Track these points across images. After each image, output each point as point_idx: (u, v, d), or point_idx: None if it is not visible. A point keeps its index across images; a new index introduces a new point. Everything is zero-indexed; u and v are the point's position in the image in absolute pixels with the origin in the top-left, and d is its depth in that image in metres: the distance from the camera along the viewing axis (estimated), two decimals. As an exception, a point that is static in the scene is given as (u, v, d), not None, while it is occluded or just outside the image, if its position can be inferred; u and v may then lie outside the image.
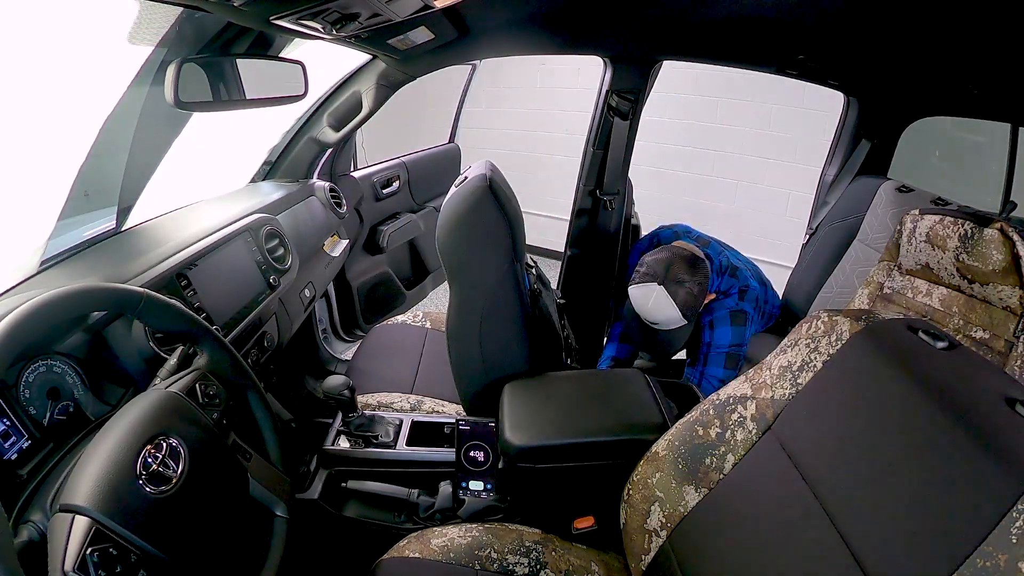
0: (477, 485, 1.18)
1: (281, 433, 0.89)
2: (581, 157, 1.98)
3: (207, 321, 1.01)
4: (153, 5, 0.94)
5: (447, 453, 1.23)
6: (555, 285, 2.10)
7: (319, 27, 0.97)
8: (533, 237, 4.11)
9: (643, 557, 0.86)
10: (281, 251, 1.36)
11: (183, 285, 1.01)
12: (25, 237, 1.09)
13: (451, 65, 1.67)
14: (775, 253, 3.32)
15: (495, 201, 1.14)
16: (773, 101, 3.27)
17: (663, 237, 1.76)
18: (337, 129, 1.66)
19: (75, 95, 1.12)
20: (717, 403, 0.87)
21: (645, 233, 1.90)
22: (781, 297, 2.21)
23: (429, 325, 1.81)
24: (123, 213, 1.26)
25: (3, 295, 0.85)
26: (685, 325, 1.50)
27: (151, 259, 1.02)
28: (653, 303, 1.44)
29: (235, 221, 1.26)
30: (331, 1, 0.85)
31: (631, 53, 1.75)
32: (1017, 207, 1.73)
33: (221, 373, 0.82)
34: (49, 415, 0.76)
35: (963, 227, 1.37)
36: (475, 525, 1.00)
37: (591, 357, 2.07)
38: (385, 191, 2.18)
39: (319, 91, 1.66)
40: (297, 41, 1.28)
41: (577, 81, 3.82)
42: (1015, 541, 0.49)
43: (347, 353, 2.22)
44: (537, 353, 1.32)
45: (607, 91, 1.83)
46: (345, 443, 1.24)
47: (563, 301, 1.73)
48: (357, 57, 1.59)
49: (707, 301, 1.59)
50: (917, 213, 1.51)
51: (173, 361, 0.82)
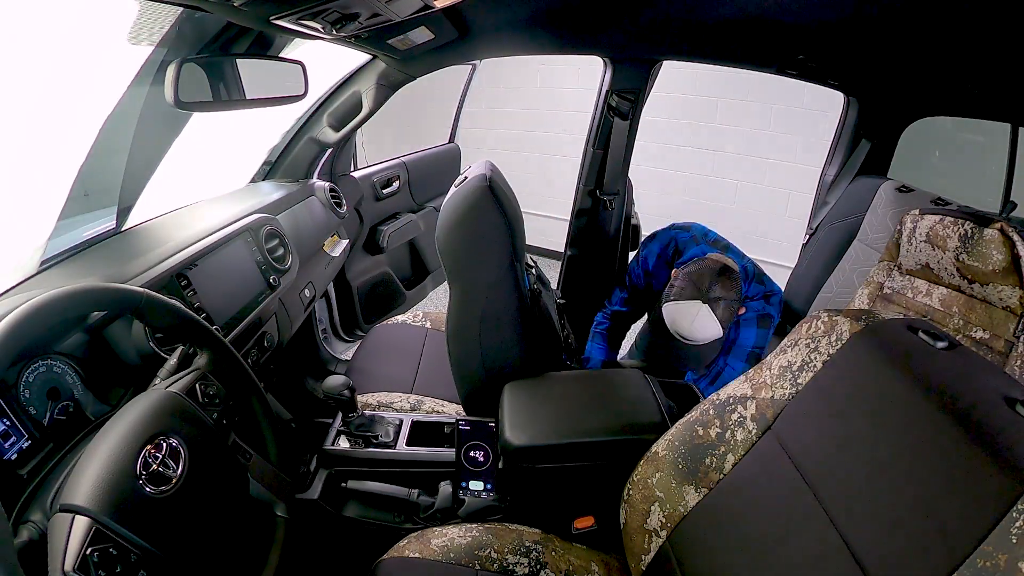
0: (477, 485, 1.18)
1: (281, 433, 0.89)
2: (581, 157, 1.98)
3: (207, 321, 1.01)
4: (153, 5, 0.94)
5: (447, 453, 1.23)
6: (555, 285, 2.10)
7: (319, 27, 0.97)
8: (533, 237, 4.11)
9: (643, 557, 0.86)
10: (281, 251, 1.36)
11: (183, 285, 1.01)
12: (25, 237, 1.09)
13: (451, 65, 1.67)
14: (775, 253, 3.32)
15: (495, 201, 1.14)
16: (773, 101, 3.28)
17: (681, 240, 1.72)
18: (337, 129, 1.66)
19: (75, 95, 1.11)
20: (717, 403, 0.87)
21: (650, 232, 1.83)
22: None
23: (429, 325, 1.81)
24: (123, 213, 1.26)
25: (3, 295, 0.85)
26: (718, 339, 1.49)
27: (151, 259, 1.02)
28: (695, 322, 1.41)
29: (235, 221, 1.26)
30: (331, 1, 0.85)
31: (631, 53, 1.75)
32: (1017, 207, 1.73)
33: (221, 373, 0.82)
34: (49, 415, 0.76)
35: (963, 227, 1.37)
36: (475, 525, 1.00)
37: (608, 366, 2.06)
38: (385, 191, 2.18)
39: (319, 91, 1.66)
40: (297, 41, 1.28)
41: (577, 81, 3.82)
42: (1015, 541, 0.49)
43: (347, 353, 2.22)
44: (537, 353, 1.32)
45: (607, 91, 1.83)
46: (345, 443, 1.24)
47: (563, 301, 1.73)
48: (357, 57, 1.59)
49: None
50: (917, 213, 1.51)
51: (173, 361, 0.82)
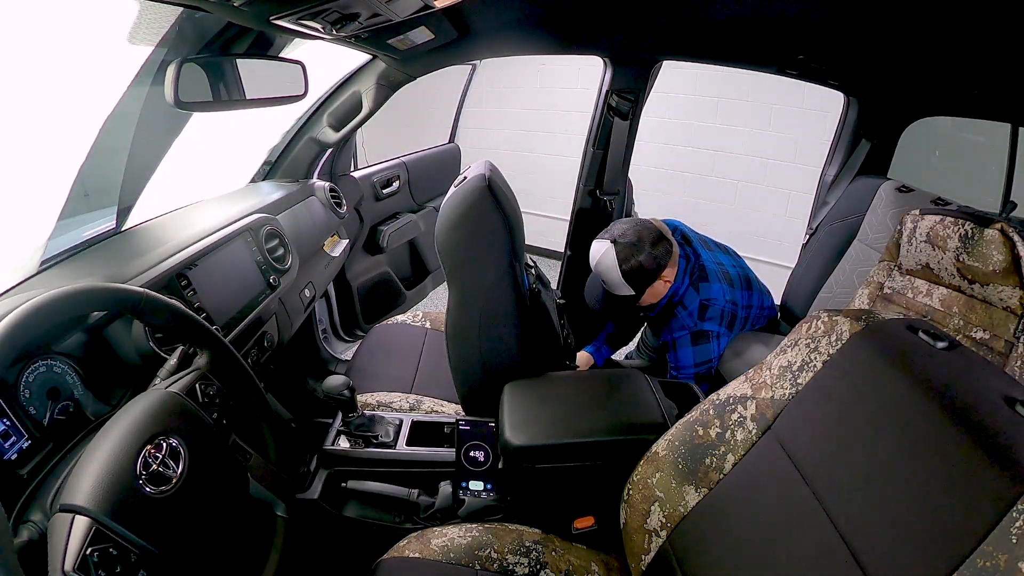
0: (477, 485, 1.18)
1: (281, 433, 0.89)
2: (581, 157, 1.98)
3: (207, 321, 1.01)
4: (153, 5, 0.94)
5: (447, 453, 1.23)
6: (555, 285, 2.10)
7: (319, 27, 0.97)
8: (533, 237, 4.12)
9: (643, 557, 0.86)
10: (281, 251, 1.36)
11: (183, 285, 1.01)
12: (25, 237, 1.09)
13: (451, 65, 1.67)
14: (775, 253, 3.32)
15: (494, 201, 1.14)
16: (773, 101, 3.27)
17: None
18: (337, 129, 1.66)
19: (75, 95, 1.11)
20: (717, 403, 0.87)
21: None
22: (781, 297, 2.21)
23: (429, 325, 1.81)
24: (123, 213, 1.26)
25: (3, 295, 0.85)
26: (631, 296, 1.53)
27: (151, 259, 1.02)
28: (601, 259, 1.48)
29: (235, 221, 1.26)
30: (331, 1, 0.85)
31: (631, 53, 1.75)
32: (1017, 207, 1.73)
33: (221, 373, 0.82)
34: (49, 415, 0.76)
35: (963, 227, 1.37)
36: (475, 525, 1.00)
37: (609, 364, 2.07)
38: (385, 191, 2.18)
39: (319, 91, 1.66)
40: (297, 41, 1.28)
41: (577, 81, 3.82)
42: (1015, 541, 0.49)
43: (347, 353, 2.22)
44: (536, 353, 1.32)
45: (607, 91, 1.83)
46: (345, 443, 1.24)
47: (563, 301, 1.73)
48: (357, 57, 1.59)
49: (662, 302, 1.58)
50: (917, 213, 1.51)
51: (173, 361, 0.82)
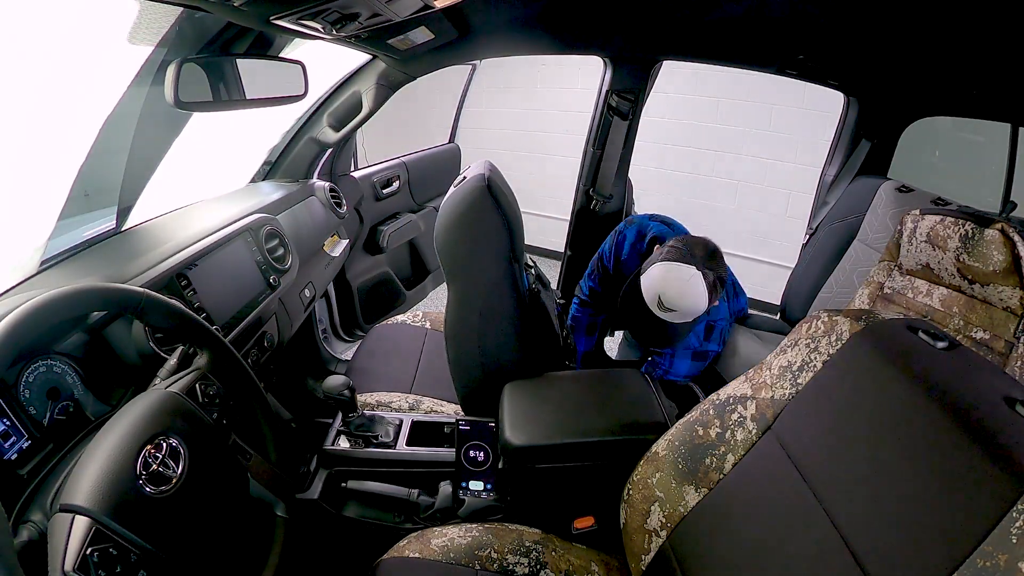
0: (477, 485, 1.18)
1: (281, 433, 0.89)
2: (581, 157, 1.98)
3: (207, 321, 1.01)
4: (153, 5, 0.94)
5: (447, 453, 1.23)
6: (555, 285, 2.10)
7: (319, 27, 0.97)
8: (533, 237, 4.12)
9: (643, 557, 0.86)
10: (281, 251, 1.36)
11: (183, 285, 1.01)
12: (25, 237, 1.09)
13: (451, 65, 1.67)
14: (775, 253, 3.32)
15: (493, 201, 1.14)
16: (773, 101, 3.27)
17: (661, 235, 1.61)
18: (337, 129, 1.66)
19: (75, 95, 1.11)
20: (717, 403, 0.87)
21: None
22: (781, 297, 2.21)
23: (429, 325, 1.81)
24: (123, 213, 1.26)
25: (3, 295, 0.85)
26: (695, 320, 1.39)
27: (151, 259, 1.02)
28: (685, 286, 1.28)
29: (235, 221, 1.26)
30: (331, 1, 0.85)
31: (631, 53, 1.75)
32: (1017, 207, 1.73)
33: (221, 373, 0.82)
34: (49, 415, 0.76)
35: (964, 227, 1.37)
36: (475, 525, 1.00)
37: (590, 357, 2.07)
38: (385, 191, 2.18)
39: (319, 91, 1.66)
40: (297, 41, 1.28)
41: (577, 81, 3.82)
42: (1015, 541, 0.49)
43: (347, 353, 2.22)
44: (536, 353, 1.32)
45: (607, 91, 1.83)
46: (345, 443, 1.24)
47: (563, 301, 1.73)
48: (357, 57, 1.59)
49: None
50: (918, 213, 1.51)
51: (173, 361, 0.82)
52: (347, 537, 1.19)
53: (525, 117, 4.13)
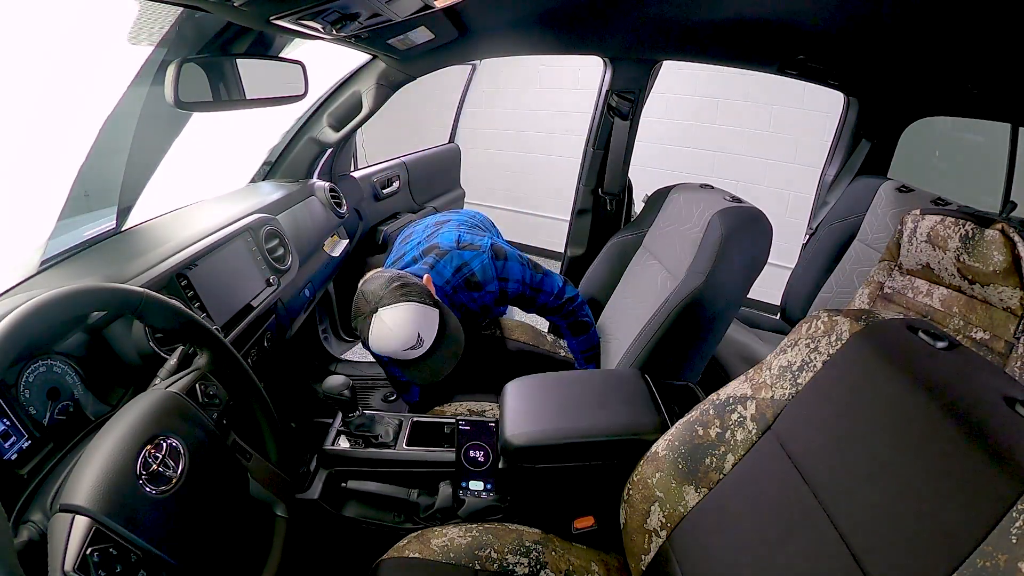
0: (477, 485, 1.18)
1: (281, 433, 0.89)
2: (581, 157, 1.98)
3: (207, 321, 1.01)
4: (153, 5, 0.94)
5: (447, 453, 1.23)
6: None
7: (319, 27, 0.97)
8: (533, 237, 4.13)
9: (643, 557, 0.86)
10: (281, 251, 1.36)
11: (183, 285, 1.01)
12: (25, 237, 1.09)
13: (451, 65, 1.67)
14: (775, 253, 3.30)
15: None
16: (773, 101, 3.27)
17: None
18: (337, 129, 1.66)
19: (75, 95, 1.12)
20: (717, 403, 0.87)
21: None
22: (781, 297, 2.21)
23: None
24: (123, 213, 1.26)
25: (3, 295, 0.85)
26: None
27: (151, 259, 1.02)
28: (382, 332, 1.17)
29: (235, 221, 1.26)
30: (331, 1, 0.85)
31: (631, 53, 1.75)
32: (1017, 207, 1.73)
33: (221, 373, 0.82)
34: (49, 415, 0.76)
35: (964, 228, 1.37)
36: (475, 525, 1.00)
37: None
38: (385, 191, 2.18)
39: (319, 91, 1.66)
40: (297, 41, 1.28)
41: (577, 81, 3.82)
42: (1015, 541, 0.49)
43: (347, 353, 2.22)
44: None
45: (607, 91, 1.83)
46: (345, 443, 1.24)
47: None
48: (357, 57, 1.59)
49: (486, 297, 1.40)
50: (918, 213, 1.51)
51: (173, 361, 0.82)
52: (347, 537, 1.19)
53: (525, 117, 4.13)
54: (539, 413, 1.15)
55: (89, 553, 0.54)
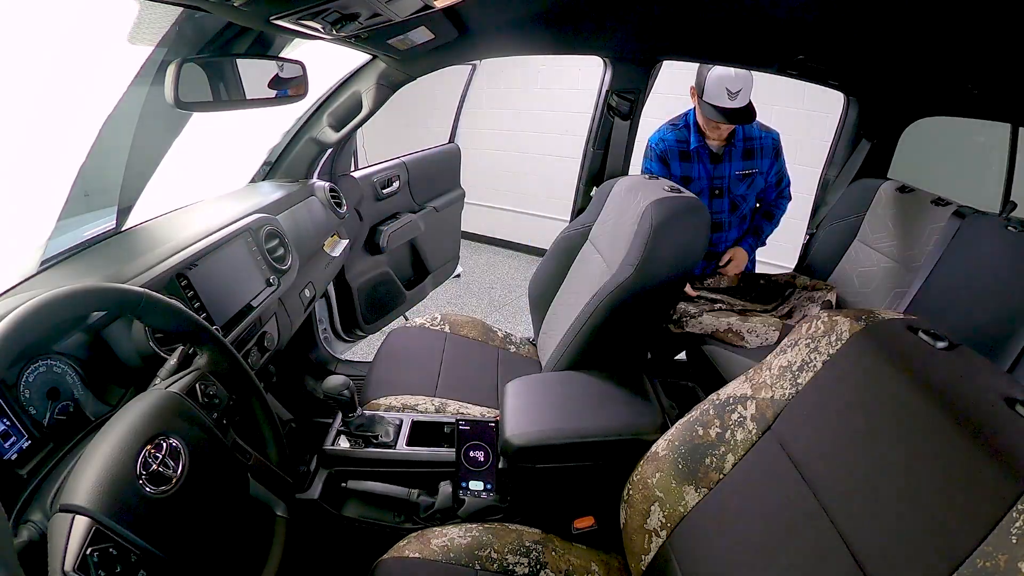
0: (477, 485, 1.18)
1: (281, 433, 0.89)
2: (581, 157, 1.98)
3: (207, 321, 1.01)
4: (153, 5, 0.94)
5: (447, 453, 1.23)
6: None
7: (319, 27, 0.97)
8: (533, 237, 4.12)
9: (643, 557, 0.86)
10: (281, 251, 1.36)
11: (183, 285, 1.01)
12: (25, 237, 1.09)
13: (451, 65, 1.67)
14: (775, 253, 3.31)
15: None
16: (773, 101, 3.27)
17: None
18: (337, 129, 1.66)
19: (75, 95, 1.11)
20: (717, 403, 0.87)
21: None
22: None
23: (448, 328, 1.79)
24: (123, 213, 1.26)
25: (3, 295, 0.85)
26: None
27: (151, 259, 1.02)
28: (737, 71, 1.65)
29: (235, 221, 1.26)
30: (331, 1, 0.85)
31: (631, 53, 1.75)
32: (1017, 207, 1.73)
33: (221, 373, 0.82)
34: (49, 415, 0.76)
35: None
36: (475, 525, 1.00)
37: None
38: (385, 191, 2.18)
39: (319, 91, 1.66)
40: (297, 41, 1.28)
41: (577, 81, 3.82)
42: (1015, 541, 0.49)
43: (347, 353, 2.22)
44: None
45: (607, 91, 1.83)
46: (345, 443, 1.24)
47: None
48: (357, 57, 1.58)
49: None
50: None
51: (173, 361, 0.82)
52: (347, 537, 1.19)
53: (525, 117, 4.13)
54: (539, 413, 1.16)
55: (89, 553, 0.54)
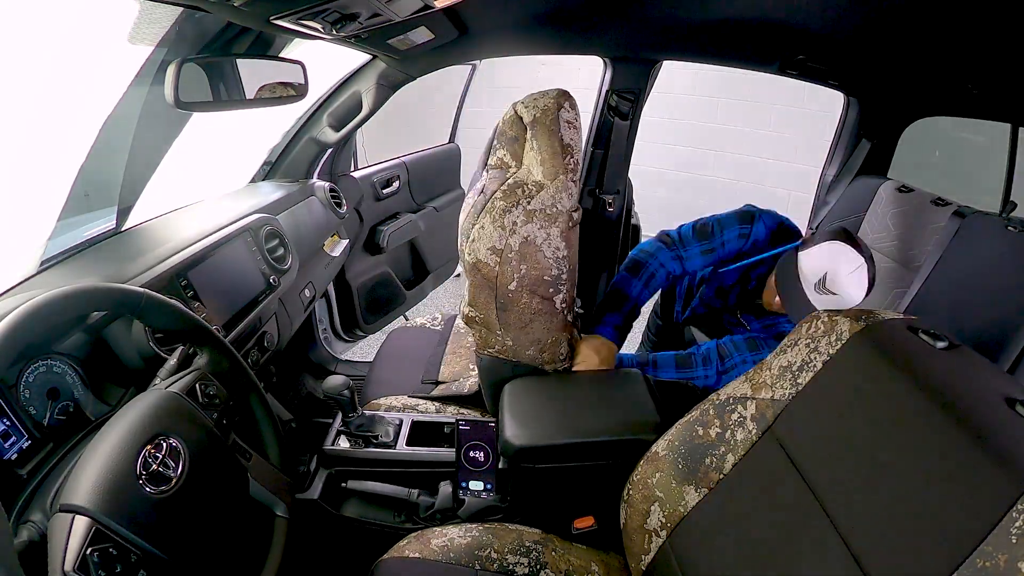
0: (477, 485, 1.18)
1: (281, 433, 0.89)
2: (581, 157, 1.98)
3: (207, 321, 1.01)
4: (153, 5, 0.94)
5: (447, 453, 1.23)
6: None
7: (319, 27, 0.97)
8: (533, 237, 4.11)
9: (643, 557, 0.86)
10: (281, 251, 1.36)
11: (183, 285, 1.01)
12: (25, 237, 1.09)
13: (451, 65, 1.67)
14: (775, 253, 3.31)
15: None
16: (773, 101, 3.28)
17: (787, 223, 1.56)
18: (337, 129, 1.66)
19: (75, 95, 1.12)
20: (717, 403, 0.87)
21: (732, 210, 1.61)
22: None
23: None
24: (123, 213, 1.26)
25: (3, 295, 0.85)
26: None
27: (151, 259, 1.02)
28: (853, 270, 1.24)
29: (235, 221, 1.26)
30: (331, 1, 0.85)
31: (631, 53, 1.75)
32: (1017, 207, 1.73)
33: (221, 373, 0.82)
34: (49, 415, 0.76)
35: None
36: (475, 525, 1.00)
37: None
38: (385, 191, 2.18)
39: (319, 91, 1.66)
40: (297, 41, 1.28)
41: (577, 81, 3.82)
42: (1015, 541, 0.49)
43: (347, 353, 2.22)
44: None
45: (607, 91, 1.83)
46: (345, 443, 1.24)
47: (581, 311, 1.72)
48: (357, 57, 1.59)
49: None
50: None
51: (173, 361, 0.82)
52: (347, 537, 1.19)
53: (525, 117, 4.12)
54: (539, 413, 1.15)
55: (89, 553, 0.54)
